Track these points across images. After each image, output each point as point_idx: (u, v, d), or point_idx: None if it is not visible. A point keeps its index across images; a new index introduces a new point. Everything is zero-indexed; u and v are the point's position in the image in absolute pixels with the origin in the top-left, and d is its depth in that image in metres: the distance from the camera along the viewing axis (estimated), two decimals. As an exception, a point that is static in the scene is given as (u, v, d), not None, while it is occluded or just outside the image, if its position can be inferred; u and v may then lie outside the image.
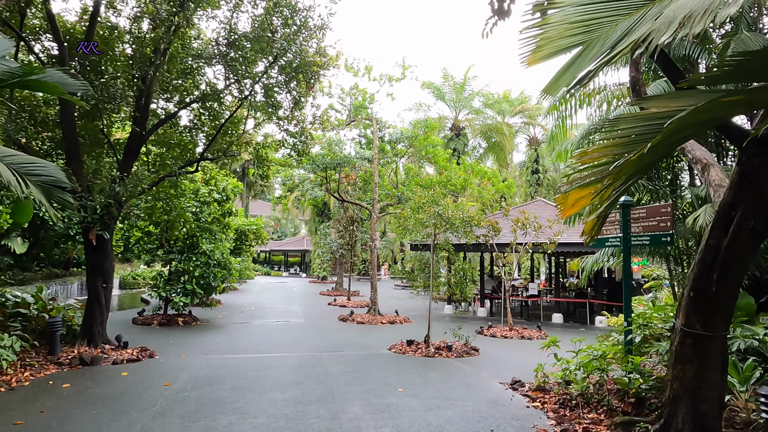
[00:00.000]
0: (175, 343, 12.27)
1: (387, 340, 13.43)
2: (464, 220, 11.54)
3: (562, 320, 19.42)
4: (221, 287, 17.73)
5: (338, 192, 19.98)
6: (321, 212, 39.87)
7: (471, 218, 11.53)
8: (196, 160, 11.67)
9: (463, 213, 11.52)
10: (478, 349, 11.56)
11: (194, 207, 16.95)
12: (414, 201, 12.11)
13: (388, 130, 20.09)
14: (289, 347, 11.93)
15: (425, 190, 12.08)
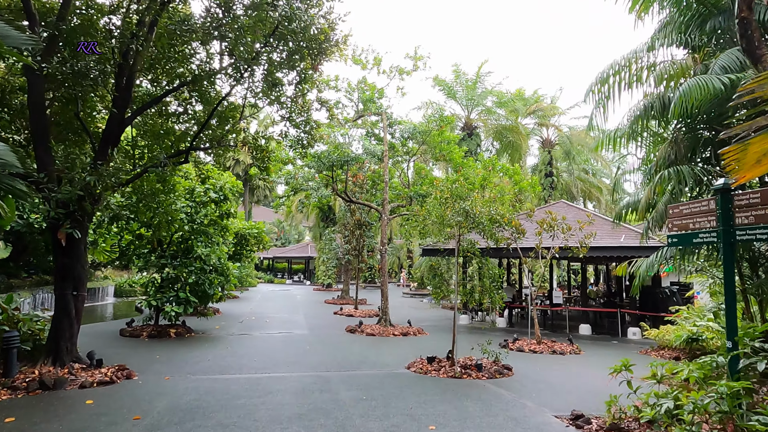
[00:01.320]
0: (161, 360, 10.71)
1: (403, 355, 11.83)
2: (493, 219, 9.99)
3: (590, 331, 17.77)
4: (218, 295, 16.19)
5: (345, 192, 18.47)
6: (326, 217, 38.37)
7: (501, 217, 9.98)
8: (186, 149, 10.17)
9: (493, 210, 9.96)
10: (511, 367, 9.95)
11: (189, 208, 15.48)
12: (435, 196, 10.55)
13: (399, 126, 18.58)
14: (291, 365, 10.35)
15: (448, 182, 10.52)
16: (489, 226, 10.05)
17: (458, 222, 9.85)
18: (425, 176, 19.19)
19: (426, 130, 17.26)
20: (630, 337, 16.90)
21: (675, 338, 12.78)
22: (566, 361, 12.08)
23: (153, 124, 11.12)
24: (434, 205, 10.53)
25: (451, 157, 17.84)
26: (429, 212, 10.59)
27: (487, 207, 9.98)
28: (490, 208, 10.00)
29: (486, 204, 10.02)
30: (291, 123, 11.98)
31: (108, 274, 32.78)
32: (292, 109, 11.67)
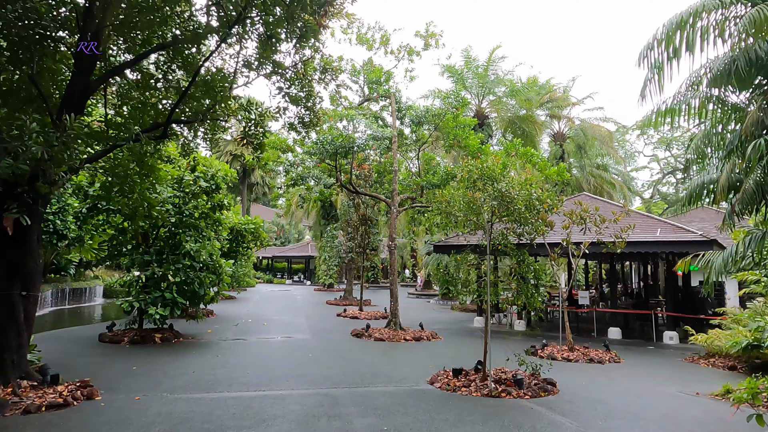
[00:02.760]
0: (138, 372, 9.06)
1: (421, 365, 10.18)
2: (531, 205, 8.33)
3: (620, 335, 16.11)
4: (210, 295, 14.54)
5: (351, 183, 16.80)
6: (327, 214, 36.71)
7: (541, 202, 8.33)
8: (164, 122, 8.50)
9: (534, 193, 8.30)
10: (554, 382, 8.28)
11: (177, 199, 13.83)
12: (461, 177, 8.88)
13: (409, 112, 16.91)
14: (291, 379, 8.68)
15: (479, 161, 8.84)
16: (525, 214, 8.39)
17: (492, 207, 8.19)
18: (436, 166, 17.53)
19: (440, 113, 15.60)
20: (666, 341, 15.24)
21: (731, 345, 11.12)
22: (609, 372, 10.43)
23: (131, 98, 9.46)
24: (460, 188, 8.86)
25: (467, 144, 16.17)
26: (452, 197, 8.92)
27: (527, 189, 8.32)
28: (530, 191, 8.34)
29: (524, 186, 8.36)
30: (290, 99, 10.35)
31: (99, 273, 31.15)
32: (292, 79, 10.03)
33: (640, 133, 71.84)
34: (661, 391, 8.73)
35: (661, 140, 72.26)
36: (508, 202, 8.20)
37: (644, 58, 9.17)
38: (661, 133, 72.29)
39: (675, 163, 73.48)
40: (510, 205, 8.27)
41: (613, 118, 61.00)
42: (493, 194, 8.14)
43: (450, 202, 8.94)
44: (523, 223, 8.49)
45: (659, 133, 72.86)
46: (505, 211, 8.44)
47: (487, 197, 8.15)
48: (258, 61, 9.43)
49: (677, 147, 72.12)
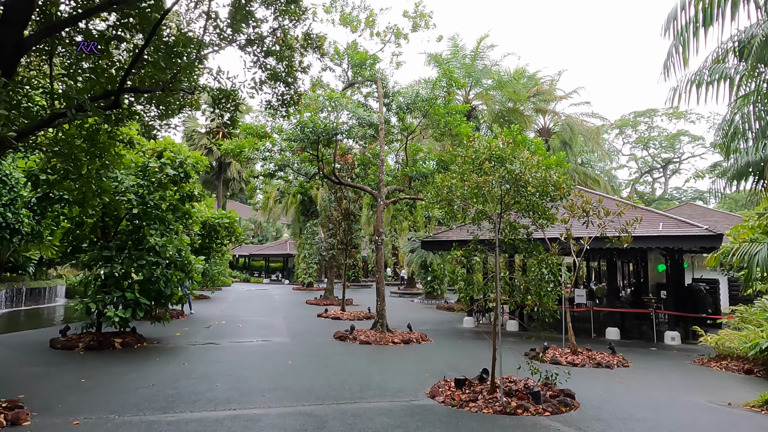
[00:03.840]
0: (85, 386, 7.70)
1: (416, 373, 9.03)
2: (544, 191, 7.26)
3: (619, 336, 15.24)
4: (178, 295, 13.15)
5: (334, 173, 15.55)
6: (306, 210, 35.30)
7: (557, 187, 7.26)
8: (115, 91, 7.14)
9: (550, 177, 7.22)
10: (573, 394, 7.21)
11: (141, 188, 12.41)
12: (465, 159, 7.74)
13: (397, 98, 15.73)
14: (267, 393, 7.44)
15: (489, 140, 7.72)
16: (538, 201, 7.31)
17: (506, 191, 7.08)
18: (424, 157, 16.40)
19: (430, 98, 14.47)
20: (668, 342, 14.41)
21: (749, 347, 10.26)
22: (622, 378, 9.44)
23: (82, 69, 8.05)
24: (464, 172, 7.72)
25: (458, 132, 15.08)
26: (455, 183, 7.78)
27: (544, 173, 7.24)
28: (546, 174, 7.26)
29: (539, 169, 7.27)
30: (268, 73, 9.08)
31: (64, 272, 29.21)
32: (271, 51, 8.78)
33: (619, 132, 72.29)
34: (689, 401, 7.76)
35: (638, 139, 72.80)
36: (521, 186, 7.11)
37: (668, 29, 8.19)
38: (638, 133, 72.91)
39: (652, 162, 74.11)
40: (523, 191, 7.18)
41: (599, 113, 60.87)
42: (505, 177, 7.02)
43: (452, 189, 7.80)
44: (536, 212, 7.41)
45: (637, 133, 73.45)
46: (516, 198, 7.34)
47: (499, 181, 7.02)
48: (231, 27, 8.16)
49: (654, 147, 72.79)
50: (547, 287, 7.32)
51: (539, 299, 7.50)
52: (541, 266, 7.30)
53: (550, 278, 7.17)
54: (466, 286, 7.78)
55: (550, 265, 7.13)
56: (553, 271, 7.14)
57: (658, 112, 67.61)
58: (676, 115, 64.47)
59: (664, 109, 65.20)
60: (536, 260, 7.53)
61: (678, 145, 69.22)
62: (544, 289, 7.41)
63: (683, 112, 63.04)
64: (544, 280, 7.28)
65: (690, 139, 66.84)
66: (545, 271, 7.11)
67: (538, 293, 7.48)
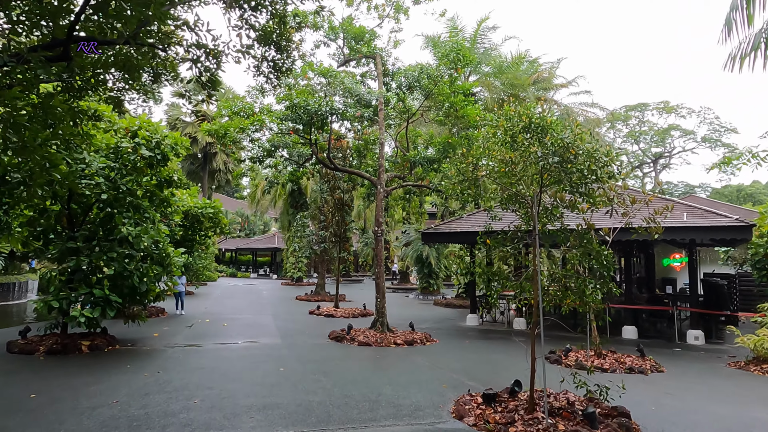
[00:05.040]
0: (31, 405, 6.32)
1: (430, 383, 7.77)
2: (590, 167, 6.02)
3: (637, 335, 14.14)
4: (155, 291, 11.74)
5: (329, 158, 14.18)
6: (296, 202, 33.87)
7: (610, 161, 6.02)
8: (63, 41, 5.71)
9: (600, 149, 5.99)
10: (628, 413, 5.99)
11: (111, 171, 10.97)
12: (500, 125, 6.43)
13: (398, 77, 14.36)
14: (256, 413, 6.12)
15: (524, 106, 6.43)
16: (587, 180, 6.07)
17: (548, 167, 5.81)
18: (428, 140, 15.10)
19: (435, 74, 13.14)
20: (691, 342, 13.33)
21: (799, 349, 9.17)
22: (663, 387, 8.27)
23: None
24: (492, 146, 6.44)
25: (465, 113, 13.81)
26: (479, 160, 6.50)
27: (594, 143, 6.00)
28: (596, 146, 6.03)
29: (584, 139, 6.02)
30: (257, 34, 7.71)
31: (39, 267, 27.49)
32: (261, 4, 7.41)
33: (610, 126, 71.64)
34: (757, 419, 6.60)
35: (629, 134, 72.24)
36: (567, 161, 5.85)
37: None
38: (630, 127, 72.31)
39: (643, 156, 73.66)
40: (568, 167, 5.92)
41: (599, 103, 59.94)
42: (553, 149, 5.75)
43: (478, 166, 6.51)
44: (583, 193, 6.16)
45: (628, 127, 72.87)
46: (559, 176, 6.09)
47: (546, 154, 5.74)
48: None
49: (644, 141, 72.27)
50: (594, 284, 6.09)
51: (581, 298, 6.29)
52: (589, 260, 6.06)
53: (603, 274, 5.94)
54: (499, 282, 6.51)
55: (604, 260, 5.89)
56: (608, 265, 5.90)
57: (649, 106, 67.04)
58: (666, 110, 63.86)
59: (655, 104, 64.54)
60: (579, 252, 6.30)
61: (669, 139, 68.83)
62: (588, 286, 6.18)
63: (674, 106, 62.38)
64: (595, 276, 6.05)
65: (681, 133, 66.41)
66: (597, 266, 5.87)
67: (581, 291, 6.25)
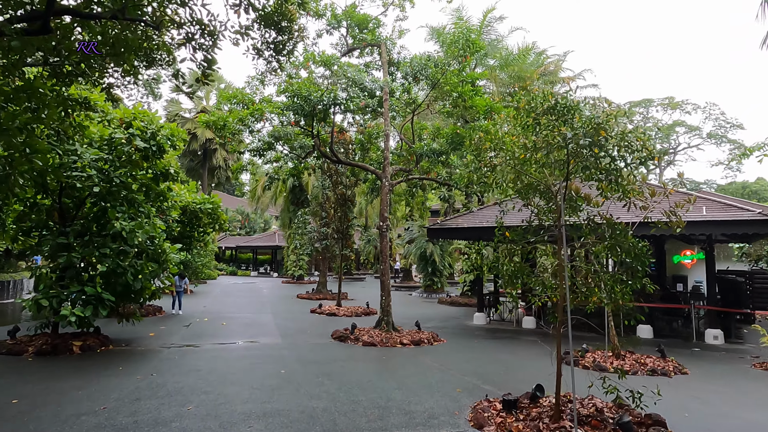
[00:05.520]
0: (12, 412, 5.81)
1: (442, 387, 7.25)
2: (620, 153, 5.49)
3: (652, 334, 13.61)
4: (151, 289, 11.23)
5: (332, 150, 13.65)
6: (297, 199, 33.37)
7: (643, 147, 5.48)
8: (41, 13, 5.18)
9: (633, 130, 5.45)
10: (664, 421, 5.47)
11: (104, 163, 10.45)
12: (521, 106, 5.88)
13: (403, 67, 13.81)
14: (255, 421, 5.61)
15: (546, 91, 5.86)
16: (617, 166, 5.55)
17: (576, 152, 5.29)
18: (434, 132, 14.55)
19: (443, 63, 12.61)
20: (710, 341, 12.81)
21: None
22: (692, 391, 7.76)
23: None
24: (513, 128, 5.92)
25: (473, 103, 13.28)
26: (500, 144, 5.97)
27: (625, 125, 5.47)
28: (626, 127, 5.50)
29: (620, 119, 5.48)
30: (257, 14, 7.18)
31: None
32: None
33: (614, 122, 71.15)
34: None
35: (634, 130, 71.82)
36: (597, 145, 5.32)
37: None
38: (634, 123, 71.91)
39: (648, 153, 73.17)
40: (596, 152, 5.39)
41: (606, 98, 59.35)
42: (581, 131, 5.21)
43: (497, 153, 5.98)
44: (612, 182, 5.63)
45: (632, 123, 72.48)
46: (587, 162, 5.56)
47: (576, 136, 5.20)
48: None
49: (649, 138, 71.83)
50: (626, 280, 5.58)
51: (610, 296, 5.77)
52: (619, 254, 5.53)
53: (638, 269, 5.42)
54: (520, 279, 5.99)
55: (638, 253, 5.36)
56: (643, 259, 5.37)
57: (653, 102, 66.46)
58: (671, 106, 63.30)
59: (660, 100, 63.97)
60: (607, 246, 5.77)
61: (673, 135, 68.27)
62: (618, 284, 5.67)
63: (679, 102, 61.82)
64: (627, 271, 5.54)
65: (686, 129, 65.83)
66: (631, 260, 5.35)
67: (611, 289, 5.74)
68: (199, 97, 42.41)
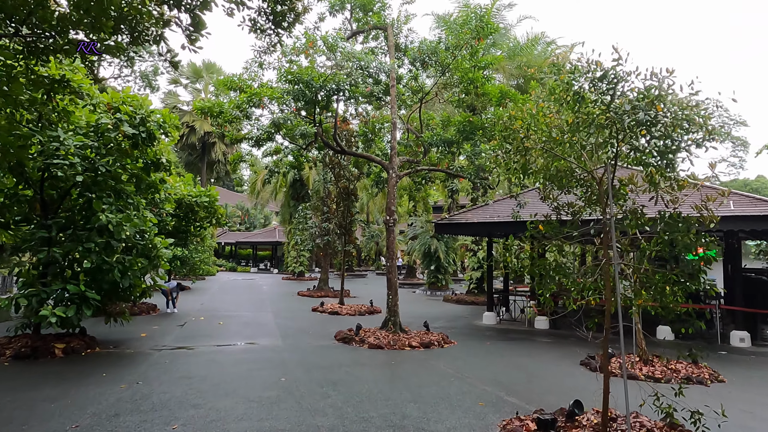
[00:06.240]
0: (-28, 429, 5.03)
1: (461, 398, 6.46)
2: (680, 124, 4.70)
3: (673, 335, 12.83)
4: (141, 287, 10.45)
5: (335, 139, 12.83)
6: (297, 194, 32.57)
7: (703, 122, 4.69)
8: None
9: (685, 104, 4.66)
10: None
11: (90, 151, 9.64)
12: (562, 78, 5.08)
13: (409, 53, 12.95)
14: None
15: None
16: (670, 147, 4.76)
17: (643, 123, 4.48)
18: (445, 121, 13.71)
19: (456, 45, 11.79)
20: (736, 344, 12.04)
21: None
22: (735, 401, 6.97)
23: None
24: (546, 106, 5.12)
25: (485, 90, 12.45)
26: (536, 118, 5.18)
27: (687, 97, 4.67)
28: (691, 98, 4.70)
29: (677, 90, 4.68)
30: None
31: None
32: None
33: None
34: None
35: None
36: (649, 123, 4.51)
37: None
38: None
39: (650, 150, 72.48)
40: (654, 130, 4.59)
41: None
42: (637, 105, 4.40)
43: (529, 134, 5.18)
44: (670, 167, 4.84)
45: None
46: (636, 143, 4.76)
47: (635, 108, 4.40)
48: None
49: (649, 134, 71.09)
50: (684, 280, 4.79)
51: (662, 298, 4.99)
52: (674, 250, 4.75)
53: (698, 268, 4.64)
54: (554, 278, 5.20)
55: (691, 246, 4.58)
56: (708, 260, 4.59)
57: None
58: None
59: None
60: (658, 242, 4.99)
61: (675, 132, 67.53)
62: (672, 284, 4.89)
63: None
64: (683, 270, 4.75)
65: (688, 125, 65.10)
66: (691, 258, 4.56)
67: (661, 289, 4.95)
68: (198, 89, 41.54)
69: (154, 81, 33.70)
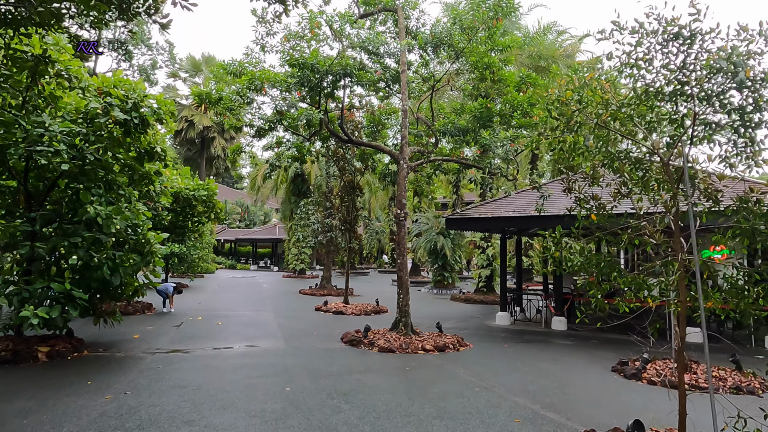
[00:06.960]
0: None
1: (490, 413, 5.69)
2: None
3: (701, 339, 12.02)
4: (133, 285, 9.66)
5: (342, 126, 12.03)
6: (298, 190, 31.75)
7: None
8: None
9: None
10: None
11: (77, 137, 8.84)
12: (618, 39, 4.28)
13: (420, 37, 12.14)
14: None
15: None
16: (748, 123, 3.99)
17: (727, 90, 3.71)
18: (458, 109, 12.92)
19: (472, 27, 10.98)
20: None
21: None
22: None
23: None
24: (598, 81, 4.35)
25: (501, 76, 11.66)
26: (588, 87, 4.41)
27: None
28: None
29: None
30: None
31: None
32: None
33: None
34: None
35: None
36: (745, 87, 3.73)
37: None
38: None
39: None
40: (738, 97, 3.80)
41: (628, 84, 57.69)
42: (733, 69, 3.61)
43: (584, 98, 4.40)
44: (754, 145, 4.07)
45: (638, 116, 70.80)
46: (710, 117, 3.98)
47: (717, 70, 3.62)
48: None
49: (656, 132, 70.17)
50: None
51: (740, 300, 4.23)
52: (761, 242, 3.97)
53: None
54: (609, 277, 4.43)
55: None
56: None
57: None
58: (682, 98, 61.76)
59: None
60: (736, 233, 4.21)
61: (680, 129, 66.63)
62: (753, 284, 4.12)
63: (691, 94, 60.34)
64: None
65: (697, 122, 64.24)
66: None
67: (742, 293, 4.19)
68: (197, 84, 40.71)
69: (153, 75, 32.89)
